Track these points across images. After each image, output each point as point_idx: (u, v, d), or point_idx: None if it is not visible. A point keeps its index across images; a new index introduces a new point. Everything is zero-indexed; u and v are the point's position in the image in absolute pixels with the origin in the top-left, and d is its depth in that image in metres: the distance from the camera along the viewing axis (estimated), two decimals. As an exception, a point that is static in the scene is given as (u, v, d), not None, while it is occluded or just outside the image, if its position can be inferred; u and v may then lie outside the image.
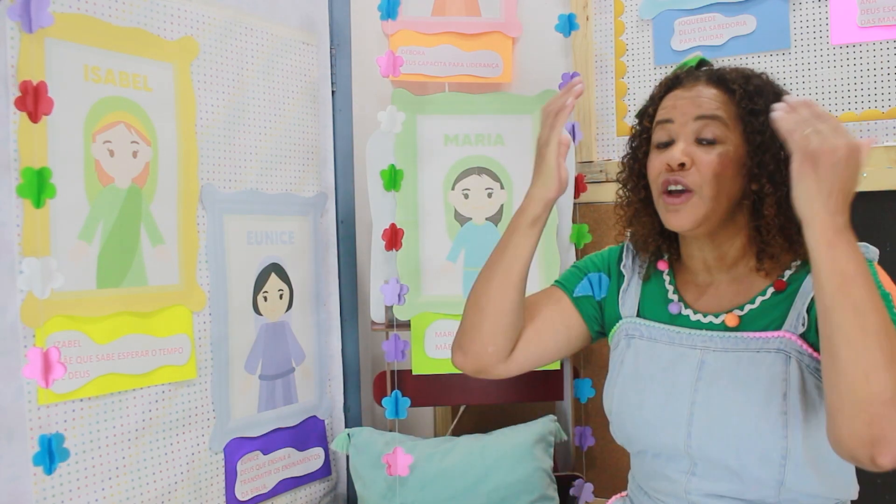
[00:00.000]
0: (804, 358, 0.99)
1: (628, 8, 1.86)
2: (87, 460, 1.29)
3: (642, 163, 1.13)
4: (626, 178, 1.18)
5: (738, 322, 1.05)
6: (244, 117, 1.59)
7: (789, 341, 1.00)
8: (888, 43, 1.61)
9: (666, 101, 1.10)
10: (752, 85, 1.06)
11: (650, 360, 1.10)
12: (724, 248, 1.08)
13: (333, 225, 1.82)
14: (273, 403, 1.64)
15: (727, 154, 1.03)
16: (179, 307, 1.44)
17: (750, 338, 1.03)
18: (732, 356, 1.03)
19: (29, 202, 1.19)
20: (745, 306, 1.06)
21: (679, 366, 1.07)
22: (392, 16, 1.73)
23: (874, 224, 1.59)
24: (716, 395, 1.02)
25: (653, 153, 1.09)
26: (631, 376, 1.12)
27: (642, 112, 1.16)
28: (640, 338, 1.13)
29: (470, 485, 1.61)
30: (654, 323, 1.13)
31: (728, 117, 1.04)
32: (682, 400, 1.04)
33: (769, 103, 1.02)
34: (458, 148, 1.74)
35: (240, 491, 1.56)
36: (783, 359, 0.99)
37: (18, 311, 1.19)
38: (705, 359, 1.05)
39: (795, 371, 0.98)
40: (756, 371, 1.00)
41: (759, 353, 1.01)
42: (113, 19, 1.33)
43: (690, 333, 1.08)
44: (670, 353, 1.08)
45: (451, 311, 1.68)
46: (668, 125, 1.07)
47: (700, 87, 1.07)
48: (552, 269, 1.70)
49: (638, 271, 1.19)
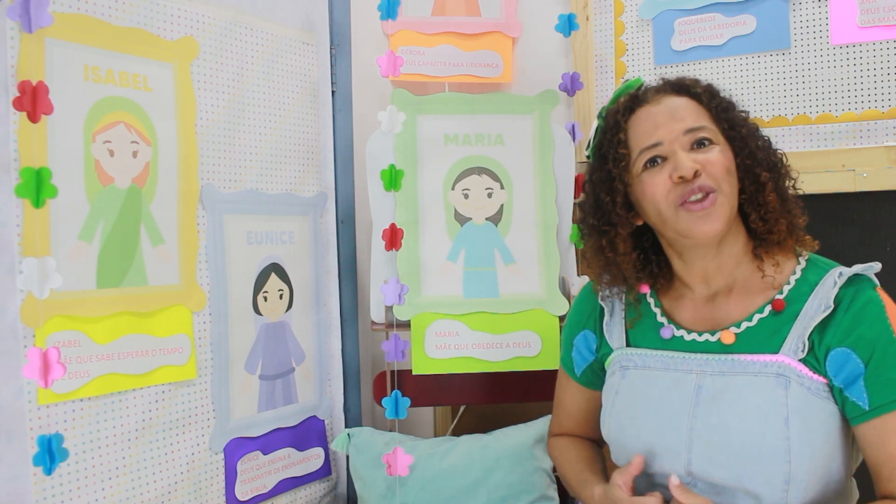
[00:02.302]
0: (805, 381, 0.97)
1: (628, 8, 1.86)
2: (86, 460, 1.29)
3: (625, 193, 1.07)
4: (602, 219, 1.10)
5: (734, 340, 1.03)
6: (244, 117, 1.59)
7: (787, 367, 0.98)
8: (888, 43, 1.61)
9: (638, 124, 1.06)
10: (703, 86, 1.08)
11: (645, 388, 1.08)
12: (725, 253, 1.07)
13: (333, 225, 1.82)
14: (273, 403, 1.64)
15: (724, 151, 1.04)
16: (179, 307, 1.44)
17: (747, 361, 1.01)
18: (730, 380, 1.01)
19: (29, 202, 1.19)
20: (741, 324, 1.04)
21: (675, 392, 1.05)
22: (392, 16, 1.73)
23: (874, 224, 1.59)
24: (715, 419, 1.00)
25: (646, 176, 1.05)
26: (626, 406, 1.10)
27: (611, 141, 1.08)
28: (634, 367, 1.11)
29: (470, 485, 1.61)
30: (646, 350, 1.11)
31: (707, 122, 1.05)
32: (681, 426, 1.03)
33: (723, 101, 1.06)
34: (458, 148, 1.74)
35: (240, 491, 1.56)
36: (783, 383, 0.97)
37: (18, 311, 1.19)
38: (702, 383, 1.03)
39: (796, 395, 0.97)
40: (755, 396, 0.98)
41: (758, 377, 0.99)
42: (113, 19, 1.33)
43: (685, 358, 1.06)
44: (666, 380, 1.06)
45: (451, 311, 1.68)
46: (657, 148, 1.04)
47: (668, 99, 1.06)
48: (552, 269, 1.70)
49: (618, 298, 1.17)
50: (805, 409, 0.96)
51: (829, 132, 1.64)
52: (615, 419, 1.11)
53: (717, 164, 1.01)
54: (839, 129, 1.65)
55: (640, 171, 1.05)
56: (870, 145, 1.62)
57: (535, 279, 1.71)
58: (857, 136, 1.63)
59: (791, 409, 0.96)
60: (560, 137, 1.75)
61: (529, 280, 1.71)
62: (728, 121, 1.05)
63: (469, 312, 1.68)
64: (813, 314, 0.99)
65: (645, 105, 1.07)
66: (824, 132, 1.63)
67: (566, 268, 1.74)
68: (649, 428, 1.06)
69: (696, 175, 1.01)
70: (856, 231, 1.61)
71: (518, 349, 1.67)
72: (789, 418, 0.96)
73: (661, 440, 1.04)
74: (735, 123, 1.05)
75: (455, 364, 1.67)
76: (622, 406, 1.11)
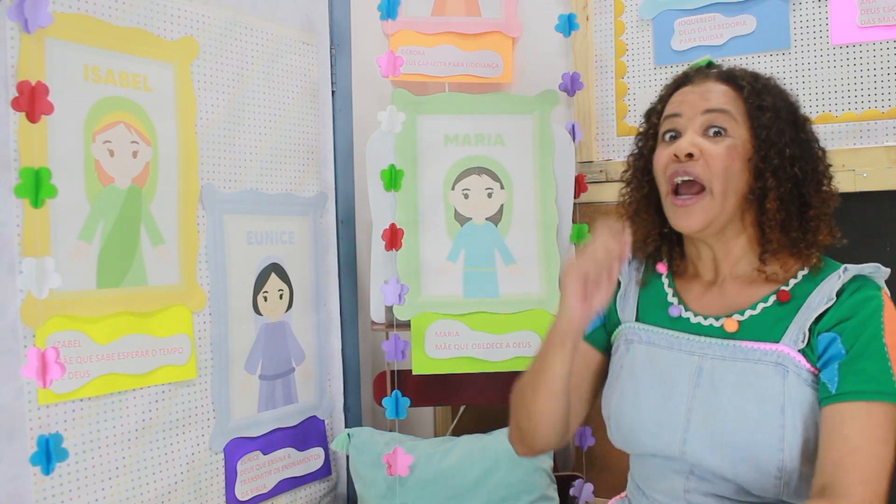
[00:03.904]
0: (802, 372, 0.98)
1: (628, 8, 1.86)
2: (86, 460, 1.29)
3: (648, 158, 1.13)
4: (630, 175, 1.18)
5: (737, 328, 1.04)
6: (244, 117, 1.59)
7: (787, 356, 0.99)
8: (888, 43, 1.61)
9: (675, 98, 1.11)
10: (760, 83, 1.07)
11: (648, 365, 1.10)
12: (730, 245, 1.08)
13: (333, 225, 1.82)
14: (273, 403, 1.64)
15: (735, 147, 1.03)
16: (179, 307, 1.44)
17: (748, 348, 1.02)
18: (730, 365, 1.02)
19: (28, 202, 1.19)
20: (745, 311, 1.05)
21: (677, 371, 1.06)
22: (392, 16, 1.73)
23: (874, 224, 1.59)
24: (713, 403, 1.01)
25: (660, 147, 1.10)
26: (629, 380, 1.11)
27: (650, 110, 1.16)
28: (640, 342, 1.13)
29: (470, 485, 1.61)
30: (653, 327, 1.12)
31: (736, 112, 1.05)
32: (679, 405, 1.04)
33: (776, 101, 1.04)
34: (458, 148, 1.74)
35: (240, 491, 1.56)
36: (781, 372, 0.98)
37: (18, 311, 1.19)
38: (703, 365, 1.04)
39: (794, 385, 0.97)
40: (754, 382, 0.99)
41: (758, 364, 1.00)
42: (113, 19, 1.33)
43: (689, 339, 1.07)
44: (669, 358, 1.08)
45: (451, 311, 1.68)
46: (675, 119, 1.07)
47: (709, 83, 1.08)
48: (552, 269, 1.70)
49: (635, 276, 1.19)
50: (801, 400, 0.97)
51: (829, 132, 1.64)
52: (617, 392, 1.12)
53: (717, 158, 1.02)
54: (839, 129, 1.65)
55: (660, 142, 1.10)
56: (870, 145, 1.62)
57: (535, 279, 1.71)
58: (857, 136, 1.63)
59: (787, 399, 0.97)
60: (560, 137, 1.75)
61: (529, 280, 1.71)
62: (758, 119, 1.04)
63: (469, 312, 1.68)
64: (815, 306, 1.00)
65: (689, 84, 1.10)
66: (824, 132, 1.63)
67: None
68: (648, 403, 1.07)
69: (690, 157, 1.02)
70: (856, 231, 1.61)
71: (518, 349, 1.67)
72: (785, 407, 0.97)
73: (659, 416, 1.05)
74: (764, 124, 1.03)
75: (455, 364, 1.67)
76: (624, 380, 1.12)
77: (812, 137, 1.08)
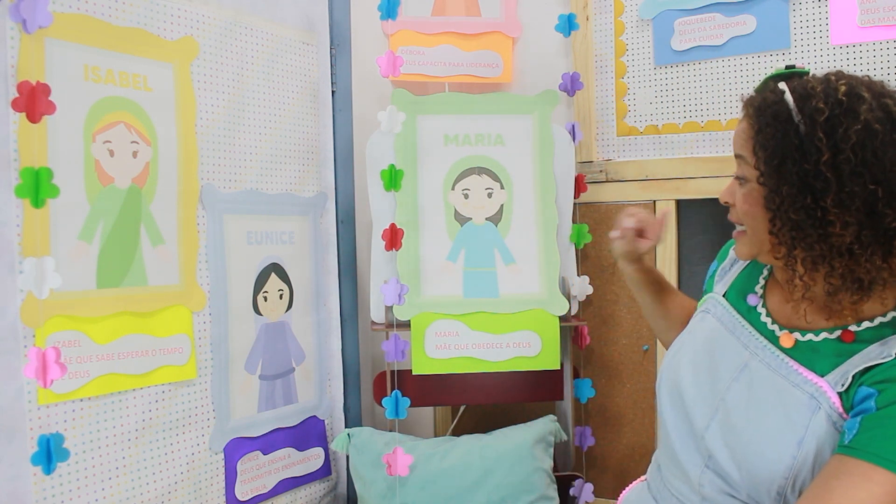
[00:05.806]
0: (833, 414, 0.96)
1: (628, 8, 1.86)
2: (87, 460, 1.29)
3: None
4: None
5: (792, 344, 1.03)
6: (244, 117, 1.59)
7: (823, 393, 0.96)
8: (888, 43, 1.61)
9: None
10: (754, 109, 1.01)
11: (710, 339, 1.13)
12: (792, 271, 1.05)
13: (333, 225, 1.82)
14: (273, 403, 1.64)
15: (751, 192, 1.02)
16: (179, 307, 1.44)
17: (794, 369, 1.00)
18: (772, 376, 1.02)
19: (28, 202, 1.19)
20: (807, 333, 1.03)
21: (727, 358, 1.08)
22: (392, 16, 1.73)
23: (874, 224, 1.59)
24: (742, 403, 1.02)
25: None
26: (689, 343, 1.16)
27: None
28: (714, 316, 1.16)
29: (470, 485, 1.61)
30: (729, 307, 1.15)
31: (748, 153, 1.02)
32: (717, 390, 1.06)
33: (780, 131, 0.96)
34: (458, 148, 1.74)
35: (240, 491, 1.56)
36: (814, 407, 0.96)
37: (18, 310, 1.19)
38: (750, 363, 1.05)
39: (820, 423, 0.95)
40: (785, 404, 0.98)
41: (795, 389, 0.99)
42: (113, 19, 1.33)
43: (750, 333, 1.08)
44: (725, 341, 1.11)
45: (451, 311, 1.68)
46: None
47: (742, 119, 1.05)
48: (552, 269, 1.70)
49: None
50: (822, 439, 0.95)
51: (829, 132, 1.64)
52: (672, 351, 1.18)
53: (739, 205, 1.06)
54: (839, 129, 1.65)
55: None
56: (870, 145, 1.62)
57: (535, 279, 1.71)
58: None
59: (809, 434, 0.95)
60: (560, 137, 1.75)
61: (529, 280, 1.71)
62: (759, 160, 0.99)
63: (469, 312, 1.68)
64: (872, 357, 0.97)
65: None
66: (824, 132, 1.63)
67: (566, 268, 1.74)
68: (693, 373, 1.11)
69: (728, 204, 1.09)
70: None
71: (518, 349, 1.67)
72: (804, 441, 0.95)
73: (696, 391, 1.08)
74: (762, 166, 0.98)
75: (455, 364, 1.67)
76: (685, 342, 1.17)
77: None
